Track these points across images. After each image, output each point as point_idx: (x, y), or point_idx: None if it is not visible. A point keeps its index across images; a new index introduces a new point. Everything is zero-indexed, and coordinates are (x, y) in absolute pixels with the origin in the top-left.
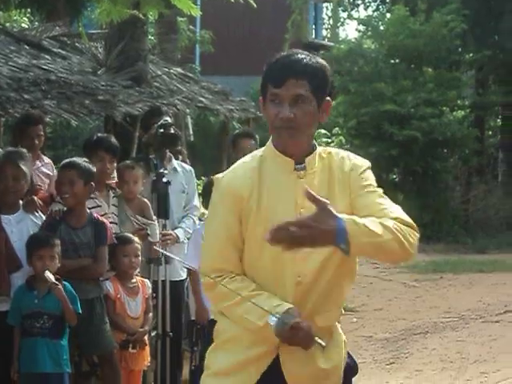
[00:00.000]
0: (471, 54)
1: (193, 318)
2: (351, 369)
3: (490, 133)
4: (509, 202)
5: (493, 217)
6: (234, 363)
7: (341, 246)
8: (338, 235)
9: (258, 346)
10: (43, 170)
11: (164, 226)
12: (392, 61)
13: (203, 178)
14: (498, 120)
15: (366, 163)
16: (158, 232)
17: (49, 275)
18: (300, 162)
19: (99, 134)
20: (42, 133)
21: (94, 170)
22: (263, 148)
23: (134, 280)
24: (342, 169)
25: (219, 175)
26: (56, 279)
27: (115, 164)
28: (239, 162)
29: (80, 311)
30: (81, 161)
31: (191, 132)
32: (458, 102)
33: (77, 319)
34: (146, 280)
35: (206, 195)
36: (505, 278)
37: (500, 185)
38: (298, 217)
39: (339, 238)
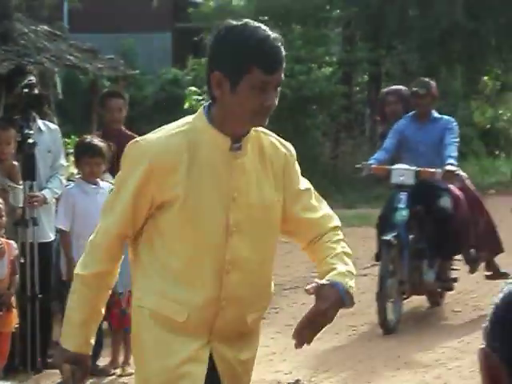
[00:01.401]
0: (338, 11)
1: (64, 278)
2: None
3: (358, 89)
4: None
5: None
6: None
7: (346, 303)
8: (344, 299)
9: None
10: None
11: (31, 188)
12: (261, 18)
13: (73, 136)
14: (365, 76)
15: (293, 151)
16: (21, 197)
17: None
18: (236, 142)
19: None
20: None
21: None
22: (193, 116)
23: None
24: (275, 155)
25: (139, 139)
26: None
27: None
28: (165, 128)
29: None
30: None
31: (60, 91)
32: (326, 58)
33: None
34: (12, 242)
35: (77, 155)
36: (373, 232)
37: (367, 140)
38: (310, 312)
39: (346, 301)
